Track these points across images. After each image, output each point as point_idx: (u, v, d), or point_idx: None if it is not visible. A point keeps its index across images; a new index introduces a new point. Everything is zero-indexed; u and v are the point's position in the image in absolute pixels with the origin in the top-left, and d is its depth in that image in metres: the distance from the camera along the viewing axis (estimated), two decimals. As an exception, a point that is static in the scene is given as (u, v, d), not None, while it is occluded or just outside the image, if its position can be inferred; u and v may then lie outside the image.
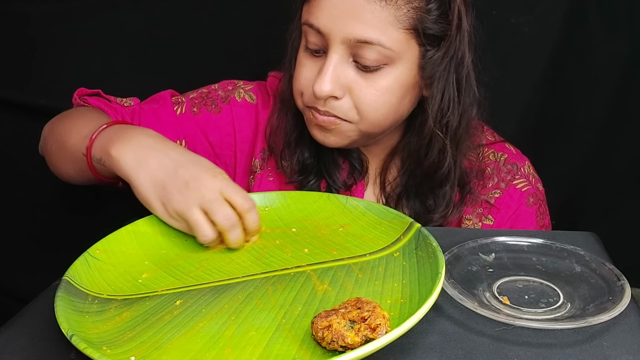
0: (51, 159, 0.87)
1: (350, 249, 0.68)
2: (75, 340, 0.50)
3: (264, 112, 0.91)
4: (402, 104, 0.80)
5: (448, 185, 0.85)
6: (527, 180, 0.90)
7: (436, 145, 0.82)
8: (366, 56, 0.75)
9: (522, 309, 0.58)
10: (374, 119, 0.79)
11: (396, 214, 0.72)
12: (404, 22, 0.74)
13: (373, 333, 0.49)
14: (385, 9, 0.73)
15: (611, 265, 0.63)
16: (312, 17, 0.77)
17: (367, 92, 0.77)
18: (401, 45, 0.75)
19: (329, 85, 0.76)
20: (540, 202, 0.90)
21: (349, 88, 0.77)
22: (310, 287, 0.61)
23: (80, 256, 0.64)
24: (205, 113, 0.90)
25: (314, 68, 0.79)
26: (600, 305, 0.57)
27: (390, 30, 0.74)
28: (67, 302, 0.56)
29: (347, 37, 0.74)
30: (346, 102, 0.78)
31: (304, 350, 0.51)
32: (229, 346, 0.52)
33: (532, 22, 1.09)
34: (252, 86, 0.93)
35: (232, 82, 0.94)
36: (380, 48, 0.74)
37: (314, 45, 0.78)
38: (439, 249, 0.61)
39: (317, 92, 0.76)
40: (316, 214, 0.76)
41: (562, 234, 0.72)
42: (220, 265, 0.67)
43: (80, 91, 0.91)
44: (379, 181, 0.90)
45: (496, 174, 0.89)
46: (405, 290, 0.59)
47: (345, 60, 0.77)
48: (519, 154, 0.93)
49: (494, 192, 0.89)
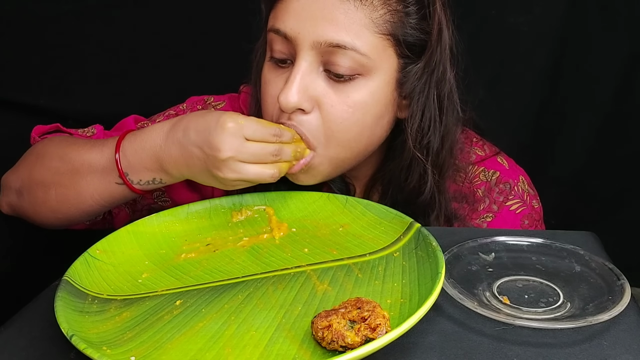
0: (43, 208, 0.75)
1: (350, 248, 0.68)
2: (75, 341, 0.50)
3: None
4: (378, 124, 0.73)
5: (433, 215, 0.78)
6: (521, 199, 0.83)
7: (416, 169, 0.76)
8: (339, 63, 0.68)
9: (522, 308, 0.58)
10: (345, 140, 0.71)
11: (396, 213, 0.72)
12: (381, 26, 0.68)
13: (373, 333, 0.49)
14: (360, 10, 0.67)
15: (611, 264, 0.63)
16: (279, 21, 0.70)
17: (338, 108, 0.70)
18: (377, 52, 0.69)
19: (296, 95, 0.69)
20: (536, 222, 0.85)
21: (318, 102, 0.70)
22: (310, 287, 0.61)
23: (80, 256, 0.64)
24: None
25: (279, 82, 0.72)
26: (600, 304, 0.57)
27: (366, 34, 0.68)
28: (67, 302, 0.56)
29: (317, 40, 0.67)
30: (315, 118, 0.70)
31: (304, 350, 0.51)
32: (229, 346, 0.52)
33: (531, 22, 1.09)
34: (224, 103, 0.87)
35: (201, 100, 0.88)
36: (354, 54, 0.68)
37: (280, 54, 0.71)
38: (438, 248, 0.61)
39: (283, 102, 0.69)
40: (316, 213, 0.76)
41: (561, 234, 0.72)
42: (220, 265, 0.67)
43: (38, 129, 0.83)
44: None
45: (487, 195, 0.83)
46: (405, 290, 0.59)
47: (315, 69, 0.69)
48: (512, 169, 0.86)
49: (485, 217, 0.82)
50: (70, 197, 0.73)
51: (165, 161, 0.69)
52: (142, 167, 0.70)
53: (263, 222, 0.74)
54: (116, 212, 0.84)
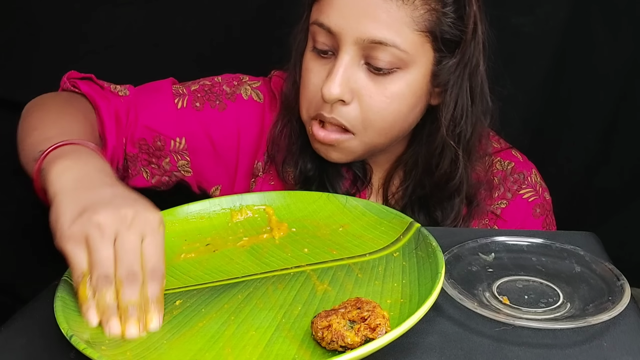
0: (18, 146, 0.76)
1: (350, 248, 0.68)
2: (75, 341, 0.50)
3: (270, 114, 0.87)
4: (412, 113, 0.78)
5: (458, 198, 0.82)
6: (534, 189, 0.88)
7: (448, 155, 0.79)
8: (379, 57, 0.72)
9: (521, 309, 0.58)
10: (380, 128, 0.76)
11: (396, 213, 0.72)
12: (420, 24, 0.72)
13: (373, 333, 0.49)
14: (401, 9, 0.71)
15: (611, 265, 0.63)
16: (323, 15, 0.73)
17: (376, 98, 0.74)
18: (416, 48, 0.73)
19: (339, 87, 0.73)
20: (547, 212, 0.88)
21: (358, 93, 0.74)
22: (310, 287, 0.61)
23: (80, 256, 0.64)
24: (208, 109, 0.85)
25: (321, 72, 0.76)
26: (600, 305, 0.57)
27: (406, 32, 0.72)
28: (67, 302, 0.56)
29: (360, 37, 0.71)
30: (353, 109, 0.75)
31: (303, 350, 0.51)
32: (229, 346, 0.52)
33: (533, 23, 1.08)
34: (259, 83, 0.89)
35: (237, 77, 0.90)
36: (394, 50, 0.72)
37: (323, 46, 0.75)
38: (438, 248, 0.61)
39: (326, 94, 0.73)
40: (316, 213, 0.76)
41: (562, 234, 0.72)
42: (220, 265, 0.67)
43: (71, 74, 0.84)
44: (382, 192, 0.88)
45: (502, 183, 0.87)
46: (405, 290, 0.58)
47: (357, 62, 0.74)
48: (525, 162, 0.91)
49: (500, 203, 0.86)
50: (20, 150, 0.75)
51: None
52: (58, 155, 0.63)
53: (263, 222, 0.74)
54: (133, 173, 0.86)
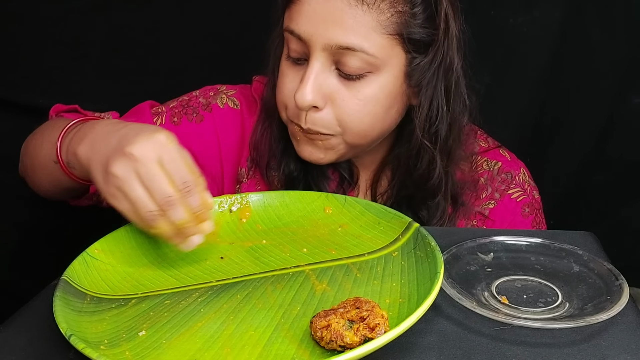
0: (28, 177, 0.83)
1: (349, 248, 0.68)
2: (74, 340, 0.50)
3: (250, 118, 0.88)
4: (388, 114, 0.77)
5: (440, 196, 0.82)
6: (522, 189, 0.87)
7: (425, 155, 0.79)
8: (349, 64, 0.72)
9: (520, 308, 0.58)
10: (359, 130, 0.76)
11: (395, 213, 0.72)
12: (388, 27, 0.72)
13: (372, 333, 0.49)
14: (367, 14, 0.70)
15: (609, 264, 0.63)
16: (293, 23, 0.74)
17: (349, 102, 0.74)
18: (385, 52, 0.73)
19: (311, 94, 0.73)
20: (537, 211, 0.88)
21: (330, 98, 0.75)
22: (309, 287, 0.61)
23: (78, 256, 0.64)
24: (186, 122, 0.86)
25: (296, 78, 0.76)
26: (599, 304, 0.57)
27: (373, 36, 0.71)
28: (66, 301, 0.56)
29: (329, 43, 0.71)
30: (327, 114, 0.75)
31: (302, 350, 0.51)
32: (228, 346, 0.52)
33: (531, 23, 1.09)
34: (234, 91, 0.90)
35: (214, 88, 0.90)
36: (363, 55, 0.71)
37: (295, 53, 0.75)
38: (437, 248, 0.61)
39: (299, 101, 0.73)
40: (315, 213, 0.76)
41: (560, 234, 0.72)
42: (219, 265, 0.67)
43: (57, 107, 0.86)
44: (370, 193, 0.88)
45: (490, 184, 0.87)
46: (403, 289, 0.59)
47: (328, 68, 0.74)
48: (513, 161, 0.90)
49: (487, 203, 0.86)
50: (34, 171, 0.80)
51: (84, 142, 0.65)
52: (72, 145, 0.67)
53: (262, 222, 0.74)
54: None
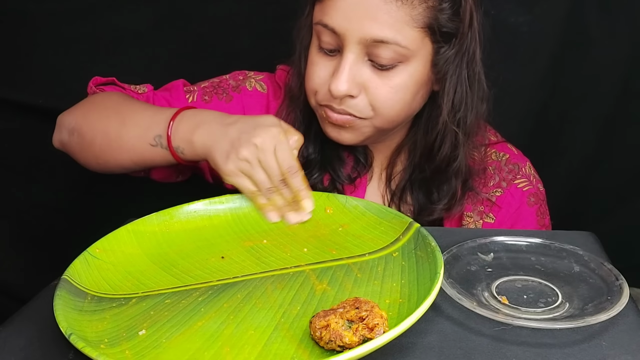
0: (88, 151, 0.84)
1: (350, 248, 0.68)
2: (73, 339, 0.50)
3: (274, 102, 0.93)
4: (415, 100, 0.82)
5: (456, 180, 0.86)
6: (528, 180, 0.91)
7: (449, 139, 0.84)
8: (382, 55, 0.76)
9: (520, 308, 0.58)
10: (389, 115, 0.80)
11: (395, 213, 0.72)
12: (419, 21, 0.76)
13: (371, 333, 0.49)
14: (401, 9, 0.74)
15: (610, 265, 0.63)
16: (327, 17, 0.77)
17: (382, 90, 0.78)
18: (416, 44, 0.77)
19: (346, 84, 0.77)
20: (541, 202, 0.91)
21: (364, 86, 0.79)
22: (309, 287, 0.61)
23: (79, 255, 0.64)
24: (216, 101, 0.91)
25: (328, 67, 0.80)
26: (599, 305, 0.57)
27: (406, 30, 0.75)
28: (66, 301, 0.56)
29: (364, 37, 0.75)
30: (361, 100, 0.79)
31: (302, 350, 0.51)
32: (228, 345, 0.52)
33: (532, 22, 1.09)
34: (262, 76, 0.95)
35: (242, 72, 0.95)
36: (396, 47, 0.76)
37: (328, 45, 0.79)
38: (437, 248, 0.61)
39: (334, 91, 0.78)
40: (316, 213, 0.76)
41: (561, 234, 0.72)
42: (220, 264, 0.67)
43: (95, 80, 0.91)
44: (384, 176, 0.92)
45: (497, 173, 0.91)
46: (404, 290, 0.59)
47: (361, 60, 0.78)
48: (520, 155, 0.94)
49: (495, 191, 0.90)
50: (113, 149, 0.81)
51: (198, 130, 0.74)
52: (186, 132, 0.75)
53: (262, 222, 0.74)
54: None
